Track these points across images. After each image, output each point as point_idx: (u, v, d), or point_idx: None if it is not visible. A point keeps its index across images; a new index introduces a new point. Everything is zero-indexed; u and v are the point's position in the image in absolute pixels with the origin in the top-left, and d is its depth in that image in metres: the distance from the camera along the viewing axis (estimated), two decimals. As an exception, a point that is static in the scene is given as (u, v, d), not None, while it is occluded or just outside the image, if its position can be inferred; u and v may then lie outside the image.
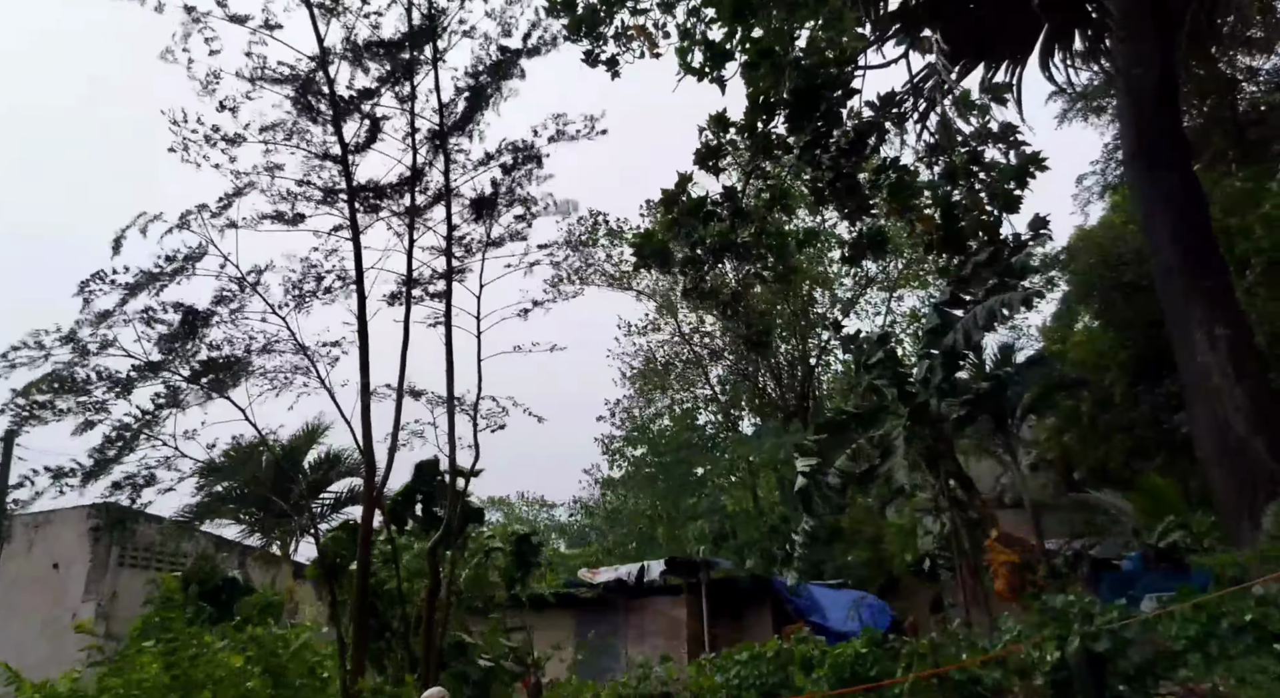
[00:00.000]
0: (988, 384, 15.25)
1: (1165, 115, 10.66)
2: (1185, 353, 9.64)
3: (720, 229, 10.83)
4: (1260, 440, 8.67)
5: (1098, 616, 7.16)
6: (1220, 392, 9.05)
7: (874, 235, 10.99)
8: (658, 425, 29.74)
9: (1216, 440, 9.17)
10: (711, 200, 10.84)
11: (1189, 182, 10.34)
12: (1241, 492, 8.76)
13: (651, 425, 29.78)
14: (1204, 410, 9.42)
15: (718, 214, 10.86)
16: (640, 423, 30.03)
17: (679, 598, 16.10)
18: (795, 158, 10.65)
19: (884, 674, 8.22)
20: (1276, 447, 8.63)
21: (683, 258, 11.05)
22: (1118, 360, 17.34)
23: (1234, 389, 8.96)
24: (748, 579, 17.27)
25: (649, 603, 16.35)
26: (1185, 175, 10.35)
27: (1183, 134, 11.22)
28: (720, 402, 30.34)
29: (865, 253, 11.45)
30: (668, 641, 15.57)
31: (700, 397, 30.50)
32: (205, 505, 16.64)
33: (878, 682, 8.12)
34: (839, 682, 8.18)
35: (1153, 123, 10.63)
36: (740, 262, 11.22)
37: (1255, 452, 8.64)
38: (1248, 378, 9.02)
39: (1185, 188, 10.25)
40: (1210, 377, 9.19)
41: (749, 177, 10.95)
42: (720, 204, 10.82)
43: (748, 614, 17.03)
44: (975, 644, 8.43)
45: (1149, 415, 17.06)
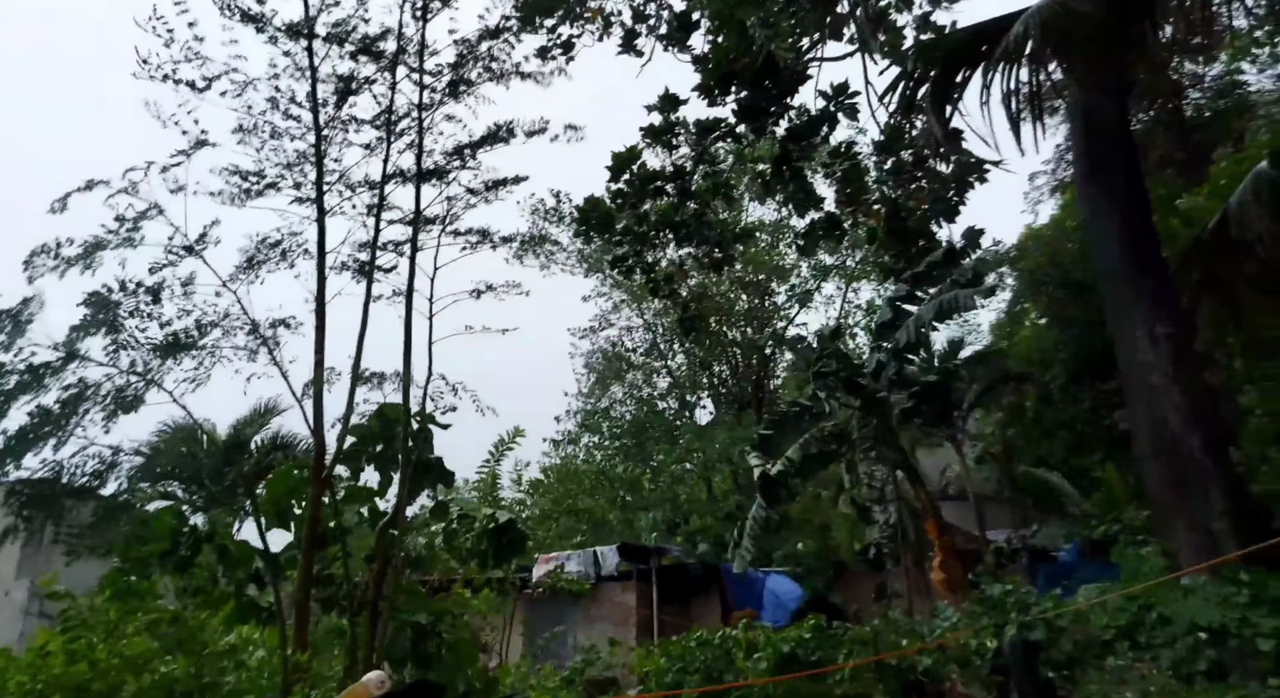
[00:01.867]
0: (935, 378, 15.52)
1: (1114, 119, 10.89)
2: (1126, 351, 9.86)
3: (665, 206, 10.86)
4: (1195, 438, 8.92)
5: (1033, 605, 7.36)
6: (1159, 390, 9.28)
7: (827, 222, 11.06)
8: (614, 413, 29.80)
9: (1153, 437, 9.41)
10: (663, 176, 10.88)
11: (1134, 184, 10.57)
12: (1175, 486, 9.00)
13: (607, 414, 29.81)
14: (1142, 407, 9.66)
15: (665, 191, 10.90)
16: (596, 412, 30.05)
17: (629, 584, 16.19)
18: (748, 129, 10.65)
19: (826, 660, 8.36)
20: (1210, 444, 8.89)
21: (623, 228, 11.05)
22: (1061, 357, 17.76)
23: (1171, 388, 9.20)
24: (698, 567, 17.42)
25: (599, 589, 16.40)
26: (1131, 178, 10.57)
27: (1130, 138, 11.46)
28: (677, 389, 30.52)
29: (819, 241, 11.53)
30: (617, 626, 15.65)
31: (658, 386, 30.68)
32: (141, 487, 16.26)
33: (820, 668, 8.25)
34: (781, 666, 8.29)
35: (1101, 126, 10.85)
36: (680, 243, 11.25)
37: (1189, 448, 8.88)
38: (1185, 377, 9.26)
39: (1130, 190, 10.47)
40: (1150, 375, 9.42)
41: (698, 160, 10.97)
42: (670, 180, 10.86)
43: (697, 602, 17.20)
44: (915, 632, 8.61)
45: (1090, 411, 17.51)
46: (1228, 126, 16.52)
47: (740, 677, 8.34)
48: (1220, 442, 9.17)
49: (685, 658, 8.75)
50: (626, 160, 10.65)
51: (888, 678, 8.12)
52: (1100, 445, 17.43)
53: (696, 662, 8.69)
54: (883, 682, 8.13)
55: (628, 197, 10.76)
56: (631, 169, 10.71)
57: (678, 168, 10.98)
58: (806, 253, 18.80)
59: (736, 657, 8.69)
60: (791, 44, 10.13)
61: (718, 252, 11.49)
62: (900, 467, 15.41)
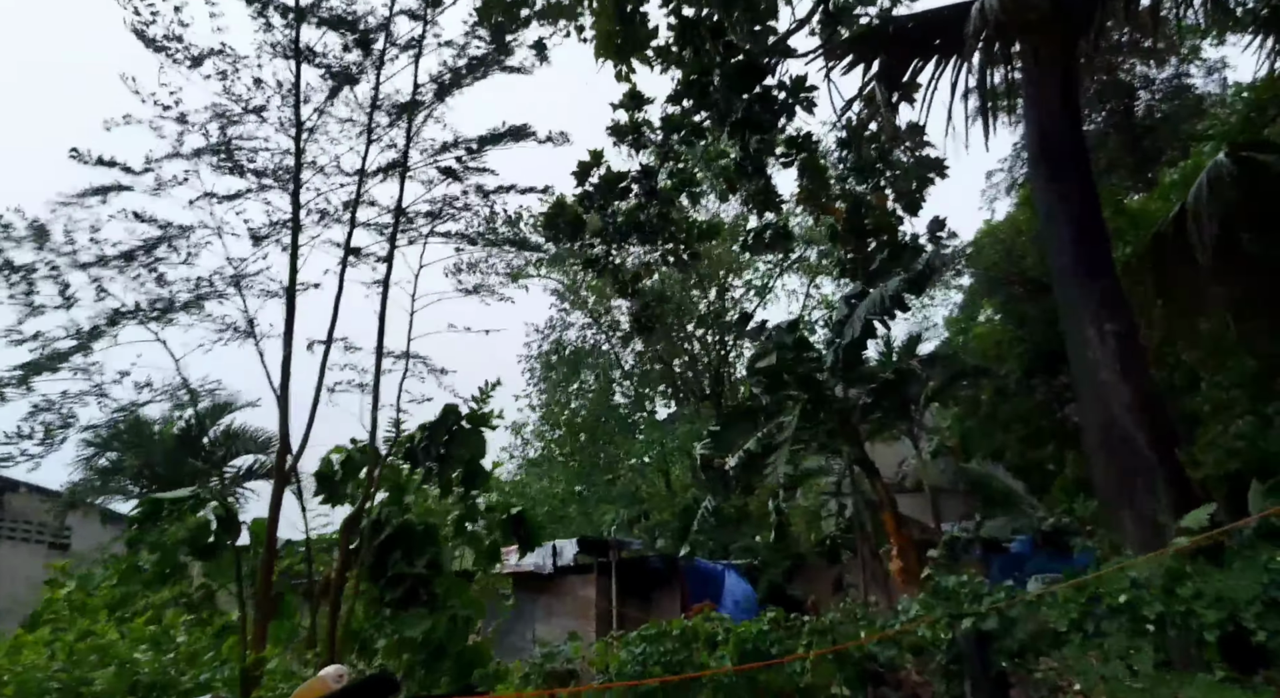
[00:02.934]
0: (892, 375, 15.76)
1: (1066, 121, 11.14)
2: (1077, 348, 10.12)
3: (631, 208, 10.91)
4: (1142, 434, 9.19)
5: (986, 596, 7.53)
6: (1108, 386, 9.54)
7: (777, 230, 11.24)
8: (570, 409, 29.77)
9: (1102, 432, 9.68)
10: (630, 177, 10.91)
11: (1086, 186, 10.83)
12: (1123, 480, 9.28)
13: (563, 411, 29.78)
14: (1092, 403, 9.93)
15: (632, 191, 10.94)
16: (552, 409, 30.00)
17: (589, 577, 16.21)
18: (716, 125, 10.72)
19: (785, 652, 8.47)
20: (1156, 440, 9.17)
21: (593, 230, 11.08)
22: (1015, 353, 18.15)
23: (1120, 385, 9.46)
24: (658, 560, 17.51)
25: (560, 582, 16.40)
26: (1083, 180, 10.84)
27: (1082, 140, 11.74)
28: (633, 384, 30.58)
29: (766, 244, 11.67)
30: (577, 619, 15.66)
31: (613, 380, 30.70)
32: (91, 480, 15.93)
33: (779, 659, 8.36)
34: (742, 658, 8.39)
35: (1054, 128, 11.09)
36: (645, 243, 11.30)
37: (1137, 444, 9.16)
38: (1134, 374, 9.53)
39: (1082, 192, 10.74)
40: (1099, 372, 9.68)
41: (664, 159, 11.02)
42: (636, 181, 10.90)
43: (657, 595, 17.26)
44: (873, 623, 8.76)
45: (1043, 406, 17.93)
46: (1176, 130, 16.97)
47: (702, 669, 8.42)
48: (1167, 437, 9.47)
49: (647, 650, 8.80)
50: (590, 165, 10.67)
51: (846, 668, 8.26)
52: (1052, 439, 17.86)
53: (657, 654, 8.75)
54: (841, 672, 8.28)
55: (594, 199, 10.78)
56: (596, 173, 10.74)
57: (644, 168, 11.02)
58: (755, 253, 18.98)
59: (697, 649, 8.77)
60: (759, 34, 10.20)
61: (683, 249, 11.56)
62: (857, 461, 15.62)
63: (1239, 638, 6.26)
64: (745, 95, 10.18)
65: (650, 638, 9.05)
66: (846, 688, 8.26)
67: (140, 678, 6.42)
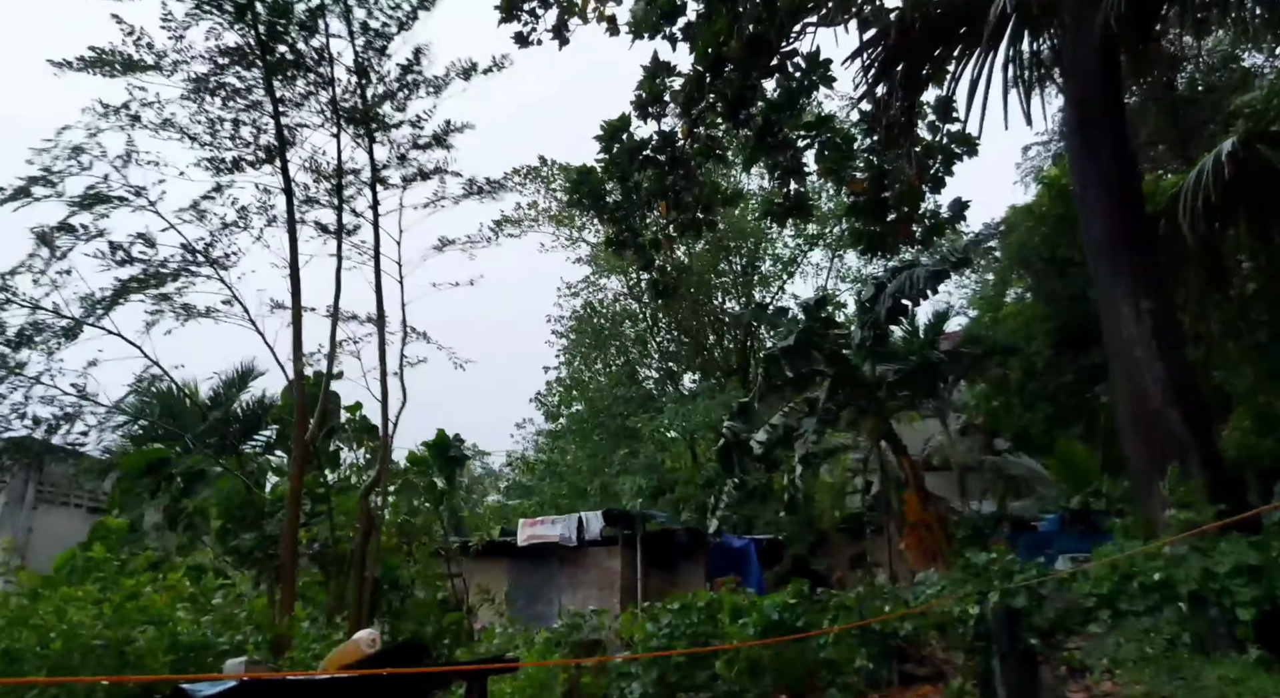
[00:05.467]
0: (917, 359, 15.68)
1: (1105, 90, 10.86)
2: (1111, 325, 9.95)
3: (655, 174, 10.86)
4: (1174, 411, 9.05)
5: (1016, 573, 7.48)
6: (1141, 363, 9.38)
7: (795, 201, 11.16)
8: (594, 384, 29.78)
9: (1134, 410, 9.53)
10: (651, 145, 10.85)
11: (1124, 159, 10.58)
12: (1153, 459, 9.14)
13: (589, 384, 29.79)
14: (1124, 381, 9.78)
15: (654, 159, 10.88)
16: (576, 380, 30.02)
17: (614, 549, 16.31)
18: (724, 118, 10.69)
19: (811, 625, 8.48)
20: (1189, 418, 9.03)
21: (613, 203, 11.05)
22: (1044, 331, 17.91)
23: (1154, 362, 9.30)
24: (683, 533, 17.57)
25: (584, 554, 16.52)
26: (1121, 153, 10.58)
27: (1121, 110, 11.45)
28: (661, 357, 30.54)
29: (789, 214, 11.58)
30: (601, 591, 15.79)
31: (640, 354, 30.65)
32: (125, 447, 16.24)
33: (804, 633, 8.37)
34: (766, 632, 8.41)
35: (1092, 98, 10.82)
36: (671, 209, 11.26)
37: (1169, 422, 9.02)
38: (1168, 352, 9.37)
39: (1120, 165, 10.49)
40: (1133, 349, 9.51)
41: (693, 125, 10.94)
42: (659, 149, 10.84)
43: (681, 567, 17.35)
44: (900, 598, 8.74)
45: (1071, 385, 17.70)
46: (1220, 104, 16.54)
47: (727, 642, 8.45)
48: (1201, 416, 9.31)
49: (673, 622, 8.85)
50: (617, 129, 10.60)
51: (870, 643, 8.26)
52: (1080, 418, 17.66)
53: (683, 626, 8.79)
54: (865, 647, 8.27)
55: (619, 166, 10.74)
56: (621, 138, 10.67)
57: (665, 134, 10.94)
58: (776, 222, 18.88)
59: (722, 622, 8.81)
60: (782, 22, 10.08)
61: (700, 214, 11.51)
62: (884, 437, 15.54)
63: (1276, 619, 6.18)
64: (755, 72, 10.12)
65: (676, 610, 9.09)
66: (871, 663, 8.26)
67: (180, 639, 6.56)
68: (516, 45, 10.64)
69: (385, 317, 10.60)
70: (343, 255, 10.46)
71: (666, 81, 10.59)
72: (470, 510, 25.63)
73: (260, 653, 7.15)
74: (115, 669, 6.06)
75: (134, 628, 6.44)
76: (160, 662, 6.27)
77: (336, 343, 10.45)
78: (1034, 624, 7.11)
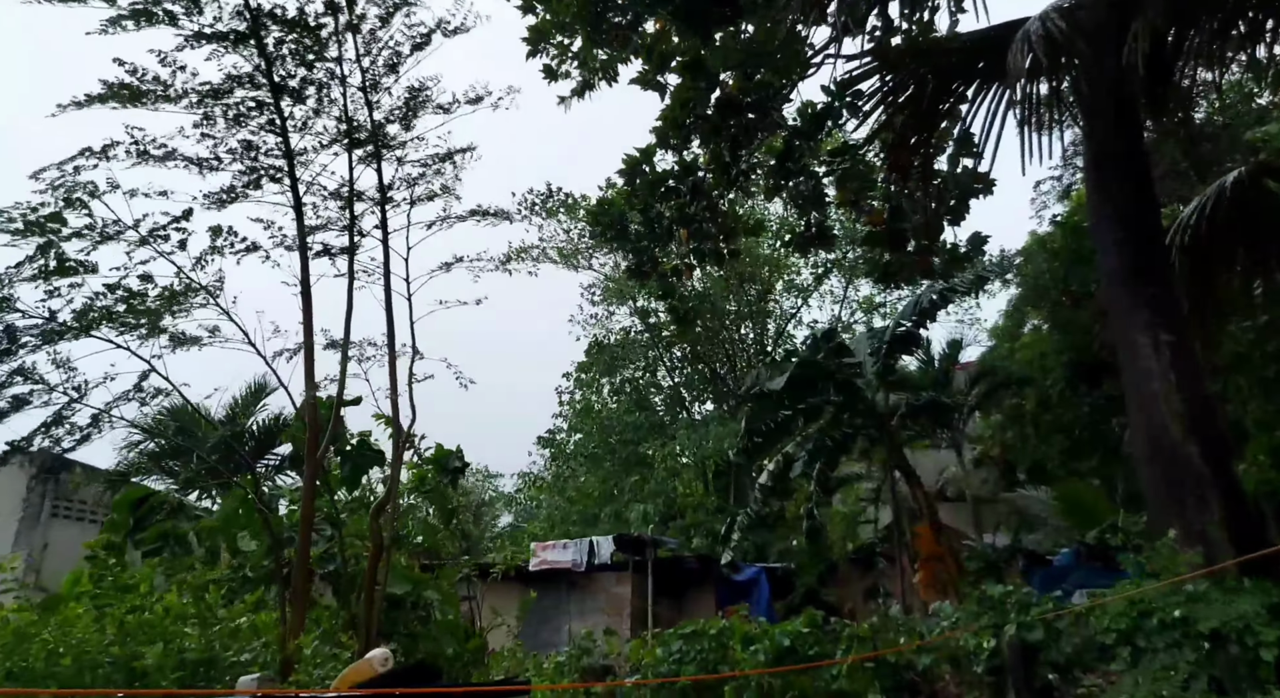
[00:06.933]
0: (930, 394, 15.63)
1: (1123, 129, 10.87)
2: (1128, 357, 9.86)
3: (678, 204, 10.88)
4: (1193, 444, 8.93)
5: (1033, 606, 7.39)
6: (1159, 396, 9.28)
7: (823, 228, 11.16)
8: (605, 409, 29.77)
9: (1152, 443, 9.42)
10: (673, 175, 10.89)
11: (1143, 191, 10.56)
12: (1171, 492, 9.02)
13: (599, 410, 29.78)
14: (1142, 413, 9.67)
15: (677, 190, 10.91)
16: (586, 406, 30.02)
17: (624, 575, 16.22)
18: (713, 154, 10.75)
19: (823, 655, 8.39)
20: (1207, 451, 8.91)
21: (637, 233, 11.08)
22: (1060, 362, 17.81)
23: (1172, 395, 9.20)
24: (693, 560, 17.47)
25: (594, 579, 16.43)
26: (1140, 184, 10.56)
27: (1140, 145, 11.44)
28: (673, 384, 30.52)
29: (813, 243, 11.58)
30: (611, 617, 15.69)
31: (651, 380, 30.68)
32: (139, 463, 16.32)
33: (815, 662, 8.28)
34: (778, 660, 8.32)
35: (1109, 133, 10.83)
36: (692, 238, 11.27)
37: (1187, 455, 8.90)
38: (1186, 384, 9.28)
39: (1138, 196, 10.47)
40: (1151, 381, 9.42)
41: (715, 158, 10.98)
42: (681, 179, 10.87)
43: (691, 594, 17.23)
44: (914, 630, 8.64)
45: (1086, 417, 17.56)
46: (1237, 137, 16.52)
47: (737, 670, 8.37)
48: (1220, 449, 9.20)
49: (683, 649, 8.78)
50: (639, 162, 10.65)
51: (884, 675, 8.16)
52: (1095, 451, 17.50)
53: (693, 652, 8.72)
54: (878, 679, 8.17)
55: (641, 198, 10.78)
56: (643, 170, 10.72)
57: (686, 164, 10.99)
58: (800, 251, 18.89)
59: (733, 649, 8.73)
60: (759, 81, 10.17)
61: (722, 244, 11.52)
62: (897, 467, 15.45)
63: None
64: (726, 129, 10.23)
65: (687, 636, 9.02)
66: (883, 696, 8.15)
67: (187, 654, 6.55)
68: (545, 79, 10.71)
69: (395, 334, 10.61)
70: (354, 273, 10.46)
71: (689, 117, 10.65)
72: (483, 535, 25.57)
73: (269, 670, 7.13)
74: (124, 686, 6.06)
75: (141, 644, 6.44)
76: (169, 679, 6.27)
77: (348, 360, 10.45)
78: (1050, 659, 7.01)
